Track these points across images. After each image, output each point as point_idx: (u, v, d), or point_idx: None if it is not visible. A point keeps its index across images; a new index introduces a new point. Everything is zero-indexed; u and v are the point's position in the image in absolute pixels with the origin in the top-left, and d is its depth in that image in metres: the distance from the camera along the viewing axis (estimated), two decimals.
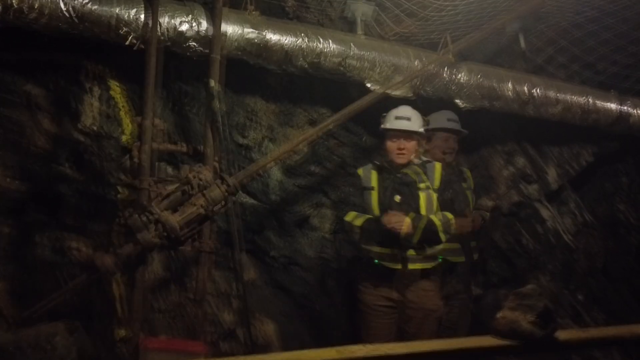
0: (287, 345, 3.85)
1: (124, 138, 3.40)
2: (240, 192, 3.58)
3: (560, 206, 4.88)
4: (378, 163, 3.51)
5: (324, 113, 3.92)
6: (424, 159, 3.55)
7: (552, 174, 4.77)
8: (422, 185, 3.42)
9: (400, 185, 3.42)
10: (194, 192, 2.92)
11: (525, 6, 3.80)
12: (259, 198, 3.82)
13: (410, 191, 3.41)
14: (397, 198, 3.39)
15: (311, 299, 4.01)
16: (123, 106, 3.41)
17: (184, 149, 3.32)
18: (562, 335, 2.26)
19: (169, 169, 3.20)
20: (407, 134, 3.40)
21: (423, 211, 3.38)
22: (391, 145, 3.42)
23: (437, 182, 3.46)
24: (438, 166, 3.50)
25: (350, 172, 3.97)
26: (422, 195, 3.40)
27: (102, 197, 3.46)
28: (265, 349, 3.78)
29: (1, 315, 3.38)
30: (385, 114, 3.50)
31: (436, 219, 3.37)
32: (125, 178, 3.38)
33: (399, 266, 3.38)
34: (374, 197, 3.43)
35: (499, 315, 2.25)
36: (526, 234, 4.66)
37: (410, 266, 3.38)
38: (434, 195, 3.43)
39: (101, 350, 3.48)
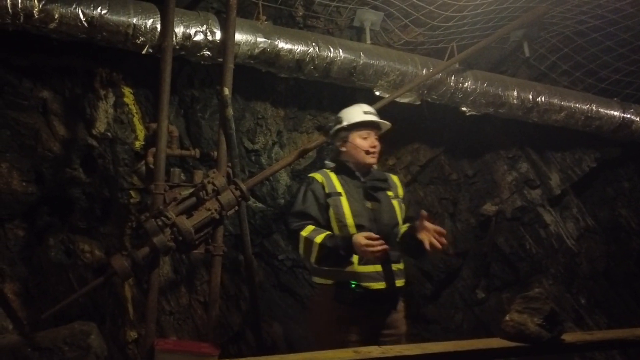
0: (293, 346, 3.90)
1: (137, 144, 3.45)
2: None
3: (562, 211, 4.90)
4: (335, 165, 2.94)
5: (331, 119, 3.96)
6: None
7: (554, 179, 4.79)
8: (390, 193, 2.91)
9: (368, 191, 2.86)
10: (208, 198, 2.96)
11: (529, 14, 3.82)
12: (267, 202, 3.86)
13: (380, 198, 2.86)
14: (369, 204, 2.82)
15: None
16: (136, 112, 3.46)
17: (197, 154, 3.37)
18: (568, 337, 2.30)
19: (182, 175, 3.23)
20: (377, 131, 2.94)
21: (400, 221, 2.85)
22: (362, 142, 2.87)
23: (400, 191, 2.95)
24: (396, 178, 3.03)
25: None
26: (395, 203, 2.88)
27: (114, 201, 3.52)
28: (272, 350, 3.82)
29: (15, 317, 3.43)
30: (340, 116, 2.97)
31: None
32: (139, 183, 3.44)
33: (383, 285, 2.72)
34: (344, 203, 2.78)
35: (507, 318, 2.29)
36: (529, 238, 4.69)
37: (398, 283, 2.78)
38: (403, 206, 2.92)
39: (113, 351, 3.53)
